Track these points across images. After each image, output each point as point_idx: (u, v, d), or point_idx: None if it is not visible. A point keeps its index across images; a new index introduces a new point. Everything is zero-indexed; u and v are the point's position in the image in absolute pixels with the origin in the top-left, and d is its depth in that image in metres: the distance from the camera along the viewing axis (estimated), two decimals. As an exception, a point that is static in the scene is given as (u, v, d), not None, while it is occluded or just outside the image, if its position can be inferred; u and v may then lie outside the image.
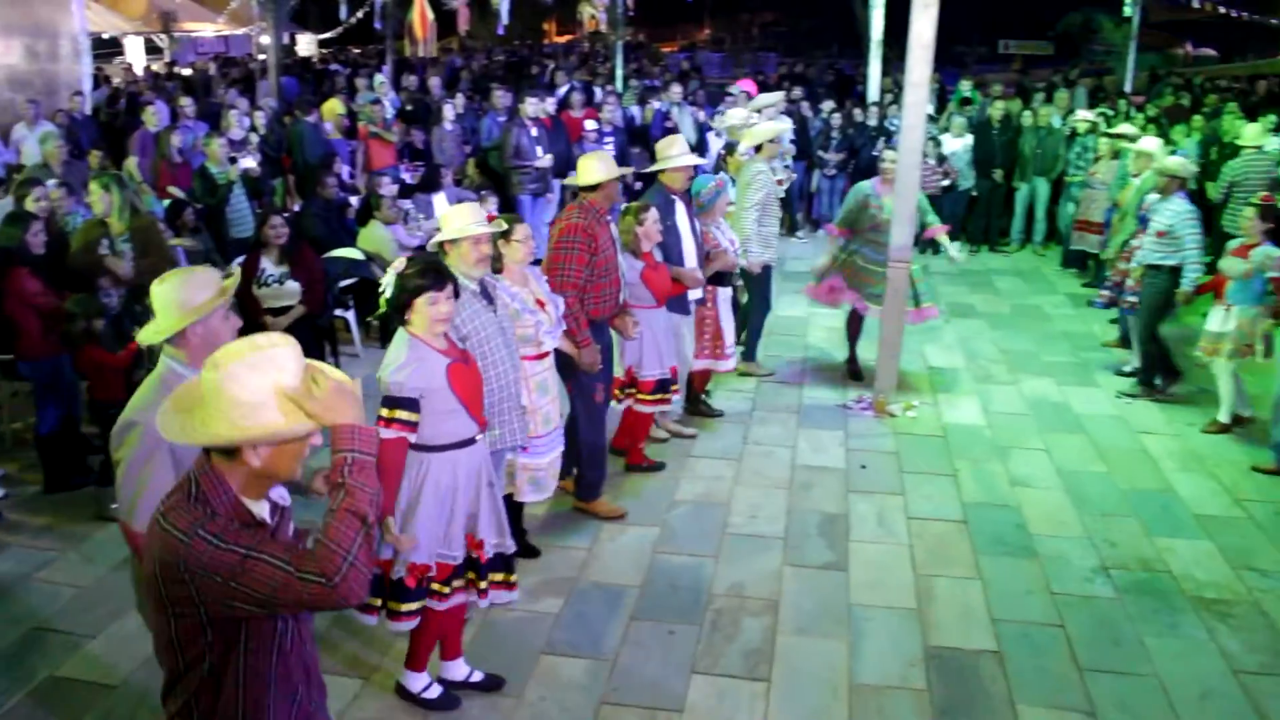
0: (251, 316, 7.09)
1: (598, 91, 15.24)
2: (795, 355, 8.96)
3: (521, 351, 4.95)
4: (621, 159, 12.33)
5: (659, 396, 6.42)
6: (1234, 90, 18.61)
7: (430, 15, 16.68)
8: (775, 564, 5.55)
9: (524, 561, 5.43)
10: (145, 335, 3.48)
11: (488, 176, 11.52)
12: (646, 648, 4.80)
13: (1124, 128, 10.61)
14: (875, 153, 12.54)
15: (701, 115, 13.20)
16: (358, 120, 12.43)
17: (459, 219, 4.51)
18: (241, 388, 2.31)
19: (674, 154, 6.64)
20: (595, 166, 5.90)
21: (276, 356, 2.36)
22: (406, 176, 11.32)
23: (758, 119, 9.08)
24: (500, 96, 12.43)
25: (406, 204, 10.01)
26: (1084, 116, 12.14)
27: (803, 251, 12.74)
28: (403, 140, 12.23)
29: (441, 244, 4.57)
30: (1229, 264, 7.12)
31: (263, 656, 2.42)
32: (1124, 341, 8.79)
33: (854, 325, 8.34)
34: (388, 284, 3.99)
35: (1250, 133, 10.58)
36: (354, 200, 10.14)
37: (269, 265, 7.12)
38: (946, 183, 12.07)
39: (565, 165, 11.77)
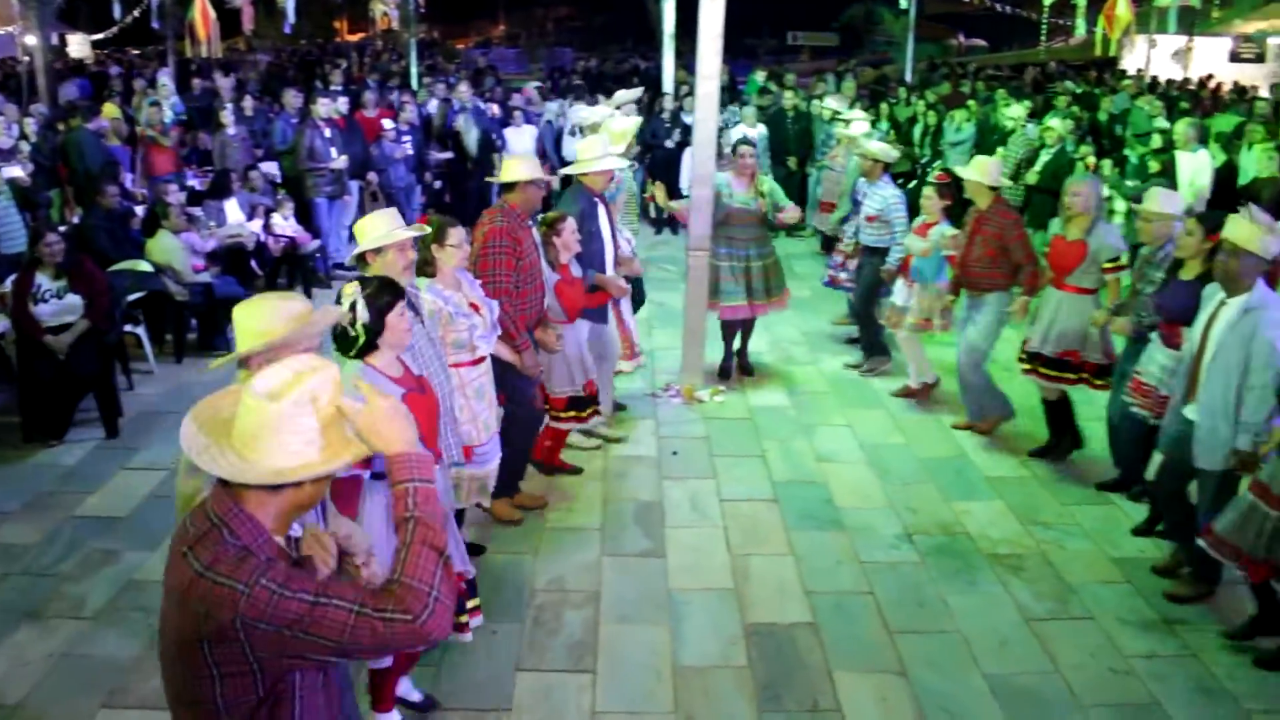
0: (29, 335, 6.69)
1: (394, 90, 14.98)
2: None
3: (457, 358, 4.82)
4: (419, 158, 12.20)
5: (573, 414, 6.18)
6: (1002, 78, 19.76)
7: (212, 14, 15.98)
8: (594, 555, 5.59)
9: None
10: (215, 362, 3.34)
11: (285, 181, 11.17)
12: (471, 650, 4.74)
13: (854, 113, 10.79)
14: (670, 144, 12.81)
15: (495, 111, 13.13)
16: (136, 126, 11.84)
17: (382, 225, 4.35)
18: (294, 422, 2.12)
19: (595, 155, 6.48)
20: (517, 168, 5.73)
21: (318, 384, 2.16)
22: (195, 183, 10.85)
23: (618, 115, 9.05)
24: (293, 98, 12.06)
25: (196, 211, 9.58)
26: (828, 104, 12.56)
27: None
28: (190, 146, 11.71)
29: (363, 254, 4.40)
30: (910, 241, 7.48)
31: (312, 708, 2.25)
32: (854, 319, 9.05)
33: (730, 327, 8.14)
34: (359, 313, 3.70)
35: (1012, 112, 11.22)
36: (139, 210, 9.65)
37: (45, 280, 6.72)
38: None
39: (362, 167, 11.52)
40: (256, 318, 3.18)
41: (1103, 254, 6.26)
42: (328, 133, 10.77)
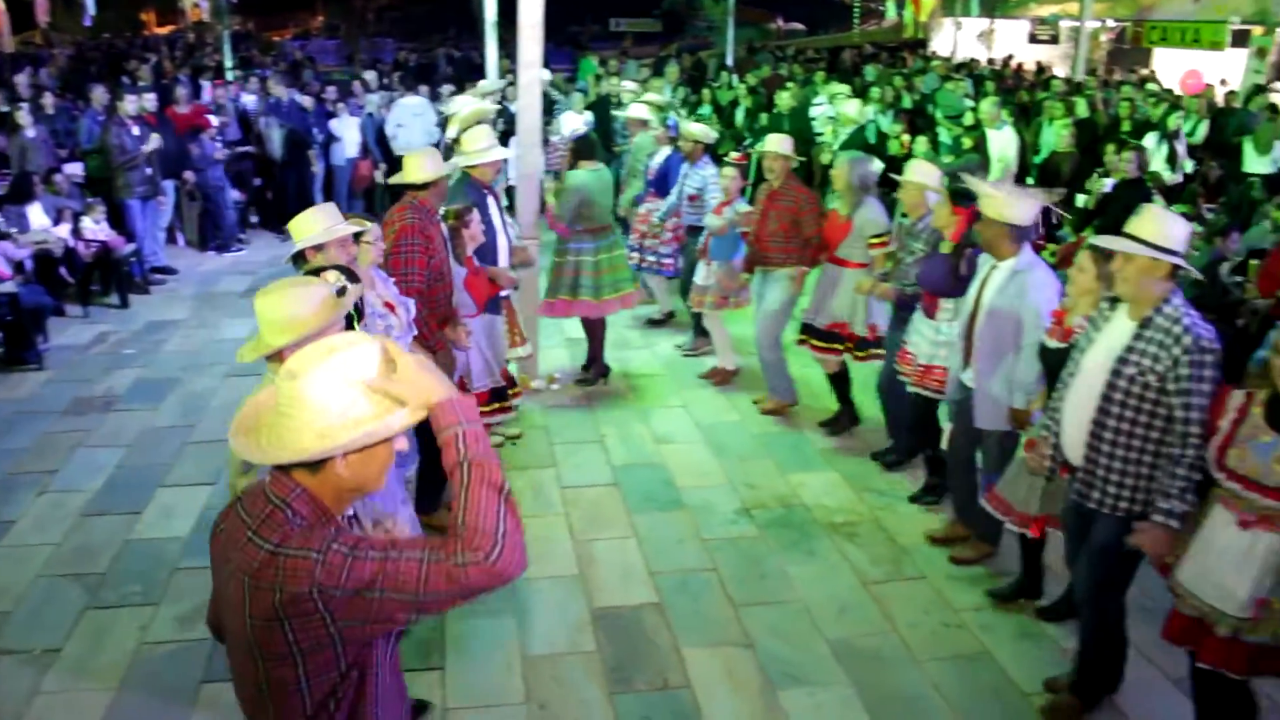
0: None
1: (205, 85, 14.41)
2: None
3: None
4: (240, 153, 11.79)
5: (497, 405, 6.07)
6: (820, 60, 20.30)
7: (1, 4, 15.02)
8: (437, 551, 5.52)
9: (170, 588, 5.17)
10: (244, 352, 3.17)
11: (92, 182, 10.61)
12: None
13: (650, 96, 10.71)
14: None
15: (308, 103, 12.78)
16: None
17: (321, 221, 4.20)
18: (326, 393, 2.03)
19: (482, 147, 6.29)
20: (423, 165, 5.53)
21: (358, 355, 2.07)
22: (-7, 187, 10.22)
23: (486, 104, 8.87)
24: (100, 94, 11.46)
25: (-5, 218, 9.03)
26: (626, 87, 12.69)
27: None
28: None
29: (302, 252, 4.24)
30: (708, 220, 7.66)
31: (387, 685, 2.21)
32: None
33: (594, 326, 8.00)
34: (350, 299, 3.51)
35: (850, 112, 11.52)
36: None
37: None
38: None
39: (177, 165, 11.05)
40: (282, 307, 3.06)
41: (867, 229, 6.46)
42: (136, 130, 10.28)
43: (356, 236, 4.54)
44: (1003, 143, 10.81)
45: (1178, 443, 3.70)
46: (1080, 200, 9.85)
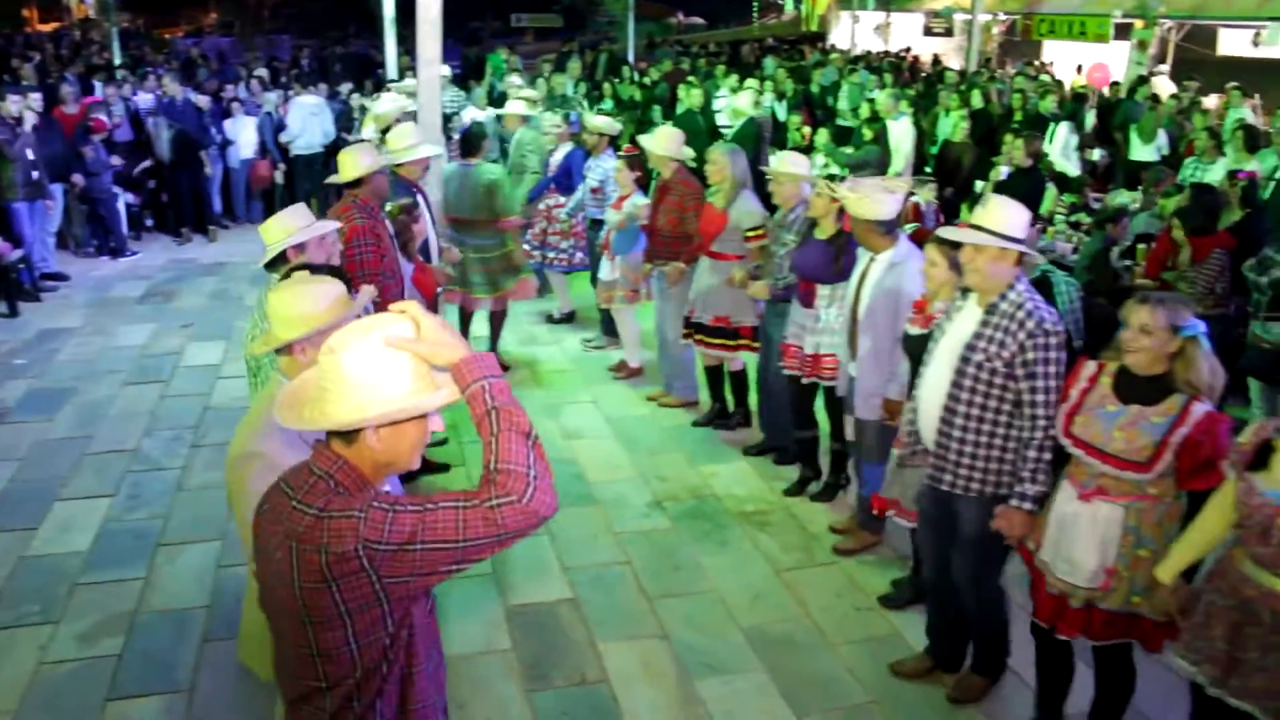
0: None
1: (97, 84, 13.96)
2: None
3: None
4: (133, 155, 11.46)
5: None
6: (722, 54, 20.43)
7: None
8: (348, 555, 5.45)
9: (70, 605, 5.01)
10: (256, 346, 3.19)
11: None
12: (224, 669, 4.53)
13: (526, 92, 10.83)
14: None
15: (203, 102, 12.49)
16: None
17: (298, 219, 4.17)
18: (363, 368, 2.11)
19: (409, 144, 6.14)
20: (358, 160, 5.41)
21: (394, 333, 2.15)
22: None
23: (411, 103, 8.72)
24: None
25: None
26: (512, 82, 12.66)
27: (341, 237, 12.51)
28: None
29: (283, 254, 4.18)
30: (608, 215, 7.71)
31: (427, 642, 2.30)
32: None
33: (464, 320, 8.02)
34: None
35: (743, 105, 11.63)
36: None
37: None
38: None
39: (64, 167, 10.70)
40: (296, 303, 3.06)
41: (744, 222, 6.46)
42: (20, 130, 9.91)
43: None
44: (900, 133, 11.01)
45: (1027, 425, 3.81)
46: (979, 187, 10.08)
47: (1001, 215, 3.81)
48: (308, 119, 12.63)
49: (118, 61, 16.95)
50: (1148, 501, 3.52)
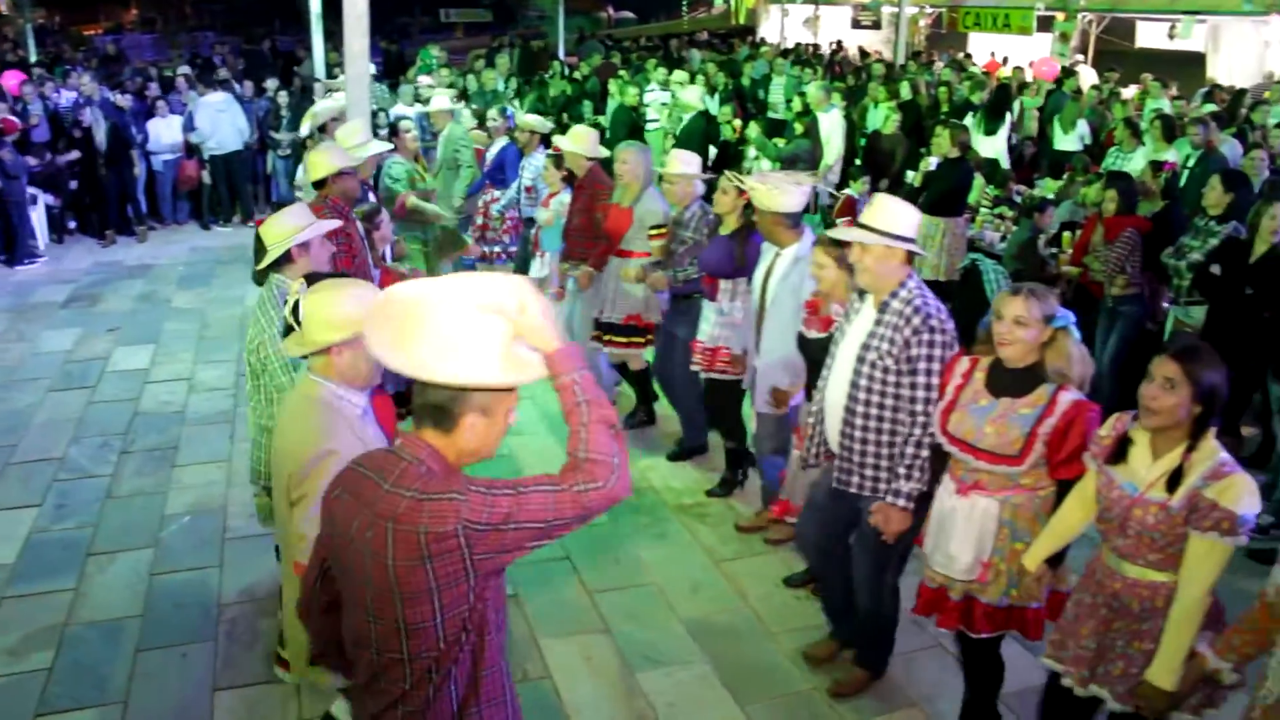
0: None
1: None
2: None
3: None
4: (49, 153, 11.20)
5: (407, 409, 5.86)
6: (653, 49, 20.45)
7: None
8: (285, 559, 5.39)
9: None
10: (292, 348, 3.23)
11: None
12: (160, 678, 4.48)
13: (440, 93, 10.67)
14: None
15: (124, 101, 12.22)
16: None
17: (299, 218, 4.13)
18: (458, 325, 2.19)
19: (359, 141, 6.03)
20: (327, 160, 5.32)
21: (514, 296, 2.25)
22: None
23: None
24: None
25: None
26: (422, 81, 12.57)
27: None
28: None
29: (287, 254, 4.18)
30: (538, 213, 7.73)
31: (497, 603, 2.40)
32: None
33: None
34: None
35: (691, 99, 11.61)
36: None
37: None
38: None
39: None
40: (334, 306, 3.08)
41: (648, 220, 6.43)
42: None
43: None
44: (831, 126, 11.11)
45: (905, 421, 3.85)
46: (909, 178, 10.22)
47: (888, 214, 3.82)
48: (216, 118, 12.34)
49: (33, 59, 16.51)
50: (1023, 495, 3.53)
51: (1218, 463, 2.98)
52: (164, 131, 12.33)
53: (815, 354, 4.45)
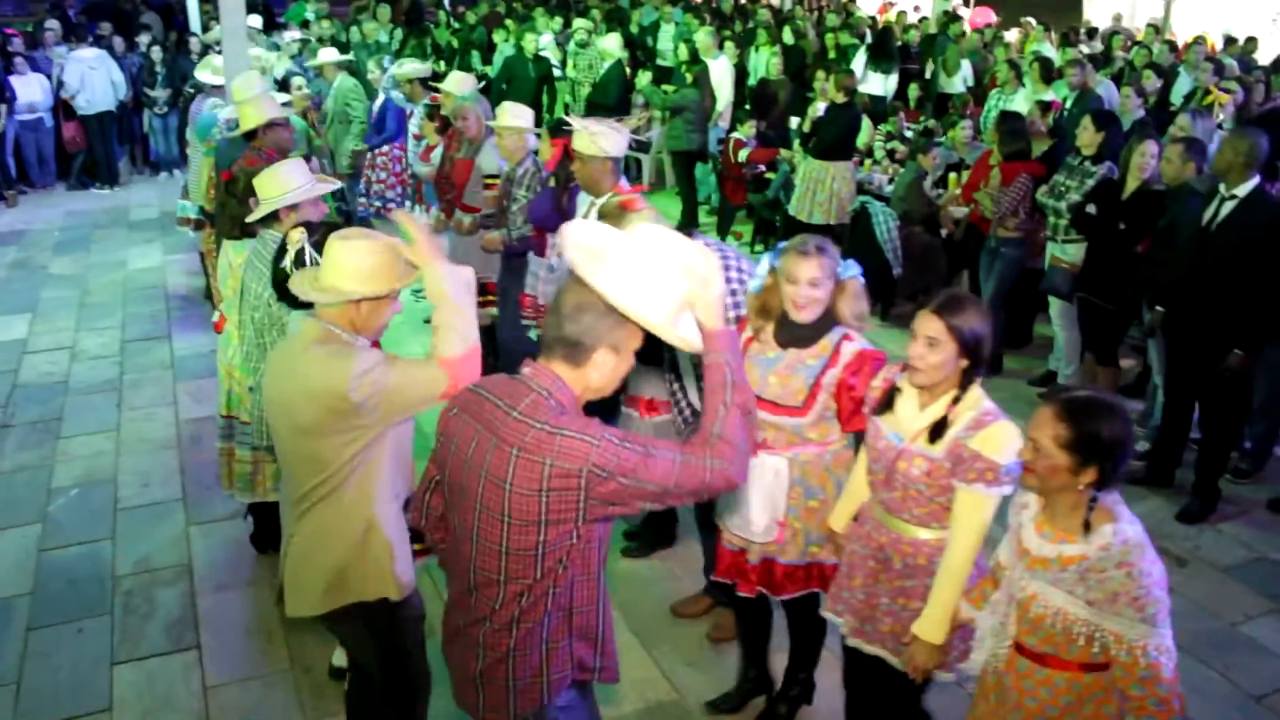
0: None
1: None
2: (158, 308, 8.43)
3: None
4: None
5: None
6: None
7: None
8: (179, 527, 5.29)
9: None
10: (304, 287, 3.01)
11: None
12: (54, 656, 4.38)
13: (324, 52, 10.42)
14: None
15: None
16: None
17: (296, 177, 4.01)
18: (658, 268, 2.29)
19: (254, 94, 5.78)
20: (259, 110, 5.22)
21: (705, 269, 2.34)
22: None
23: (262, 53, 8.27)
24: None
25: None
26: (286, 37, 12.38)
27: (146, 197, 11.95)
28: None
29: (277, 213, 4.07)
30: (418, 167, 7.71)
31: (600, 548, 2.48)
32: None
33: None
34: (309, 261, 3.38)
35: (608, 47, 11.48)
36: None
37: None
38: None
39: None
40: (366, 256, 2.96)
41: (485, 168, 6.40)
42: None
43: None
44: (720, 73, 11.11)
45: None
46: (794, 123, 10.30)
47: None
48: (86, 74, 11.80)
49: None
50: (811, 451, 3.44)
51: (981, 412, 2.94)
52: (22, 90, 11.71)
53: None
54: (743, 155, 9.46)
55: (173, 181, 11.86)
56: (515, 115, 5.97)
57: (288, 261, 3.44)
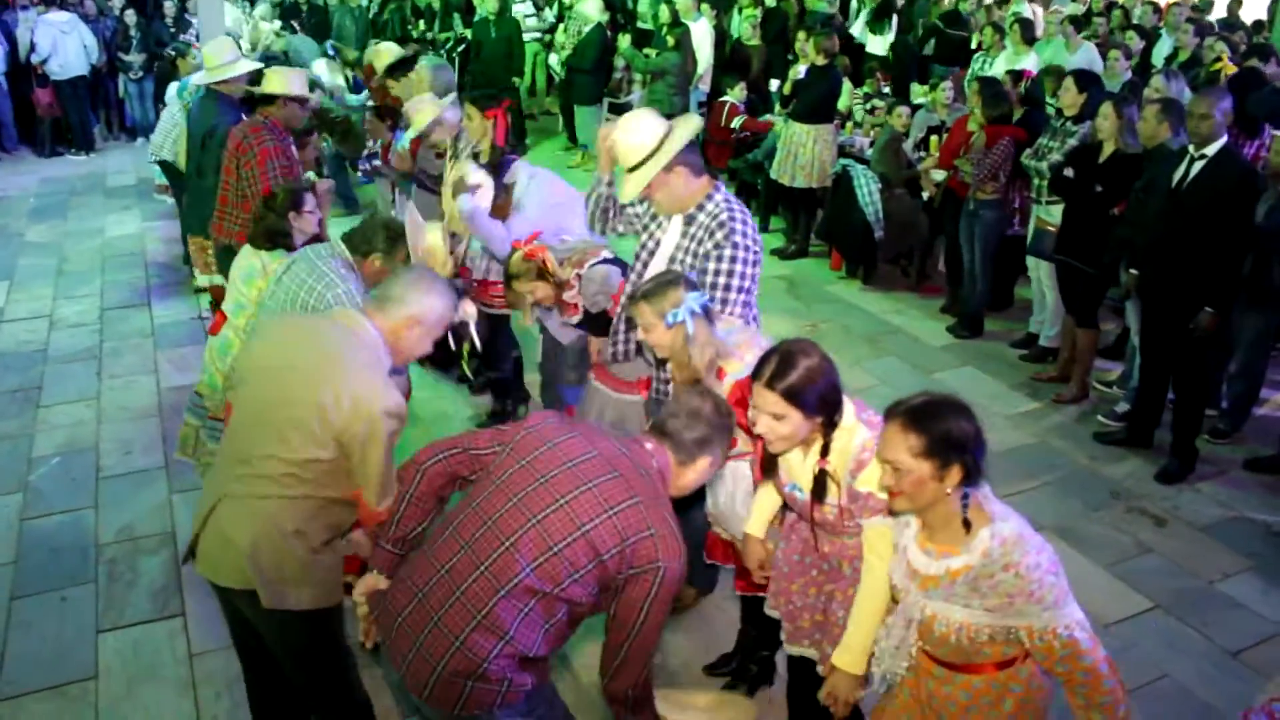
0: None
1: None
2: (136, 275, 8.36)
3: None
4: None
5: None
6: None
7: None
8: (162, 495, 5.28)
9: None
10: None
11: None
12: (38, 625, 4.37)
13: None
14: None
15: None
16: None
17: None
18: None
19: (227, 60, 5.81)
20: (288, 81, 5.39)
21: None
22: None
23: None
24: None
25: None
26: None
27: (123, 163, 11.82)
28: None
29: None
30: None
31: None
32: None
33: None
34: None
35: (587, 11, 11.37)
36: None
37: None
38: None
39: None
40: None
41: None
42: None
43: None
44: (700, 35, 11.04)
45: None
46: (774, 86, 10.26)
47: (628, 147, 3.68)
48: (58, 38, 11.58)
49: None
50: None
51: (858, 451, 2.79)
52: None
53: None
54: (737, 123, 9.39)
55: (149, 147, 11.75)
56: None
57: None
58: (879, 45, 11.89)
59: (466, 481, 2.70)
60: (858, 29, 12.34)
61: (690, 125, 3.77)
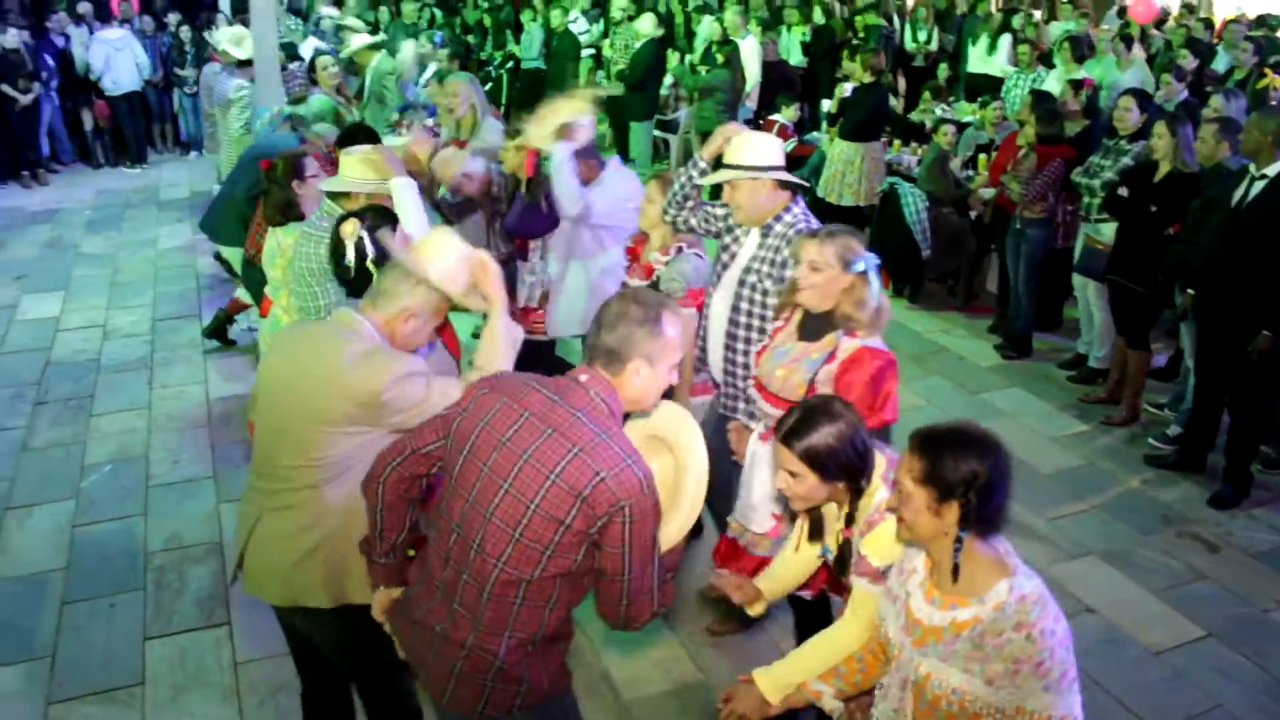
0: None
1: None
2: (188, 287, 8.48)
3: None
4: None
5: None
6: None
7: None
8: (209, 505, 5.34)
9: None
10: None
11: None
12: (87, 630, 4.43)
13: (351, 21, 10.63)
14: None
15: (10, 40, 11.62)
16: None
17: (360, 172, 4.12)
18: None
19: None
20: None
21: None
22: None
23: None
24: None
25: None
26: (326, 13, 12.47)
27: (176, 176, 12.01)
28: None
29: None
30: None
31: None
32: None
33: None
34: (368, 252, 3.54)
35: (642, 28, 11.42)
36: None
37: None
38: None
39: None
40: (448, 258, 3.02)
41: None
42: None
43: None
44: (748, 52, 11.04)
45: (758, 341, 3.77)
46: (824, 105, 10.23)
47: (749, 149, 3.81)
48: (111, 55, 11.76)
49: None
50: None
51: (871, 512, 2.69)
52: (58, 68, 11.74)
53: None
54: (788, 146, 9.37)
55: (203, 161, 11.92)
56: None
57: (350, 258, 3.51)
58: (993, 67, 11.70)
59: (430, 476, 2.68)
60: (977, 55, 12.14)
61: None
